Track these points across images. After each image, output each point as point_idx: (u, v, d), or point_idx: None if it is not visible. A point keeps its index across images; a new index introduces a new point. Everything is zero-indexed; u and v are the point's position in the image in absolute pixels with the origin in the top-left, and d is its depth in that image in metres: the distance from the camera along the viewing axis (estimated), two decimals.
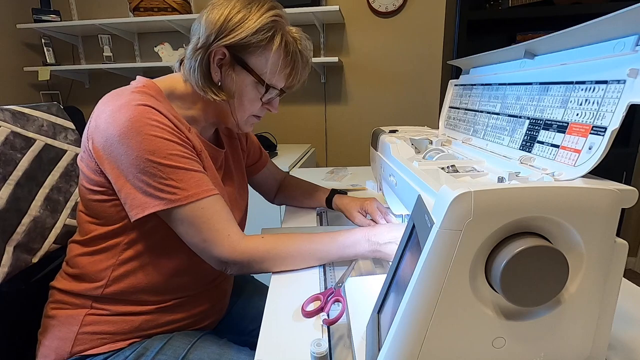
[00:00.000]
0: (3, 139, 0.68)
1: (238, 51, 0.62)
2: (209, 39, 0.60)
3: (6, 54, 2.10)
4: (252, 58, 0.63)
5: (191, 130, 0.64)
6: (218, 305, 0.76)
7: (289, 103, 2.16)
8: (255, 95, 0.66)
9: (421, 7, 1.93)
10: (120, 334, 0.63)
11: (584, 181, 0.36)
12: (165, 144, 0.56)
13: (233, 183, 0.78)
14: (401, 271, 0.41)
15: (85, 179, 0.62)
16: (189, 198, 0.57)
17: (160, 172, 0.55)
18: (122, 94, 0.58)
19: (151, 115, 0.56)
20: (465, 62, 0.70)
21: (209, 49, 0.61)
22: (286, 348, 0.48)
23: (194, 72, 0.62)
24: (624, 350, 0.46)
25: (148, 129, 0.55)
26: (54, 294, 0.67)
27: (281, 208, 1.40)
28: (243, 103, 0.66)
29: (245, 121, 0.70)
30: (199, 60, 0.61)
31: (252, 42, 0.60)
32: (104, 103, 0.58)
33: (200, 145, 0.65)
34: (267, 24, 0.60)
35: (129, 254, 0.63)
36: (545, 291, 0.33)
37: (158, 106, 0.57)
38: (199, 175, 0.59)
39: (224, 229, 0.59)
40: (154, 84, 0.63)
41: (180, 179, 0.56)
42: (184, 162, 0.57)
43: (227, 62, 0.63)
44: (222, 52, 0.61)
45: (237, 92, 0.65)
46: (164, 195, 0.56)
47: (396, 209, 0.74)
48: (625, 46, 0.35)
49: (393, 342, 0.35)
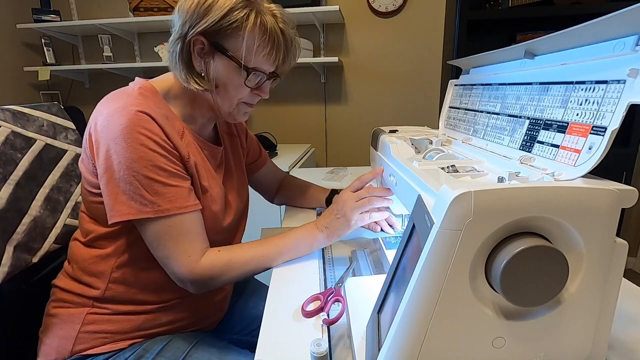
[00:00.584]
0: (3, 139, 0.68)
1: (214, 37, 0.60)
2: (183, 28, 0.59)
3: (6, 54, 2.10)
4: (229, 41, 0.60)
5: (185, 135, 0.63)
6: (219, 305, 0.76)
7: (289, 103, 2.17)
8: (238, 81, 0.63)
9: (421, 7, 1.93)
10: (121, 333, 0.63)
11: (584, 181, 0.36)
12: (148, 154, 0.55)
13: (233, 181, 0.78)
14: (401, 271, 0.41)
15: (86, 180, 0.62)
16: (158, 213, 0.56)
17: (137, 181, 0.55)
18: (121, 96, 0.59)
19: (144, 124, 0.56)
20: (465, 62, 0.70)
21: (186, 38, 0.60)
22: (286, 348, 0.48)
23: (176, 64, 0.62)
24: (624, 350, 0.46)
25: (136, 136, 0.55)
26: (56, 292, 0.67)
27: (281, 208, 1.40)
28: (228, 90, 0.64)
29: (236, 109, 0.67)
30: (179, 51, 0.61)
31: (224, 25, 0.58)
32: (102, 104, 0.59)
33: (194, 151, 0.64)
34: (240, 3, 0.58)
35: (128, 256, 0.63)
36: (545, 291, 0.33)
37: (154, 112, 0.57)
38: (176, 190, 0.58)
39: (186, 250, 0.59)
40: (150, 86, 0.63)
41: (155, 191, 0.56)
42: (163, 175, 0.57)
43: (207, 50, 0.61)
44: (200, 41, 0.60)
45: (221, 79, 0.63)
46: (134, 205, 0.56)
47: (396, 209, 0.74)
48: (625, 46, 0.35)
49: (393, 342, 0.35)
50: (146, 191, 0.56)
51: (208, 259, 0.60)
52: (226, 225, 0.71)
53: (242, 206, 0.79)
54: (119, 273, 0.63)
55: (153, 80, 0.65)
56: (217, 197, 0.68)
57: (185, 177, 0.61)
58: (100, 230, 0.63)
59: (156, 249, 0.59)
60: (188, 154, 0.62)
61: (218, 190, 0.68)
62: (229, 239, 0.75)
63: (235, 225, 0.76)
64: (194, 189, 0.62)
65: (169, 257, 0.59)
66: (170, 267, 0.59)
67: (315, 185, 0.97)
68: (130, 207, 0.56)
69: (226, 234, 0.74)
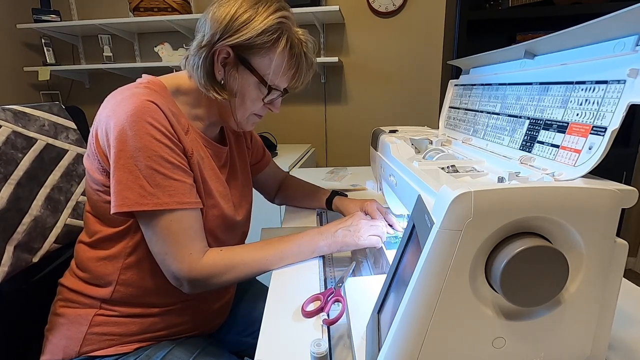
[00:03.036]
0: (4, 139, 0.68)
1: (242, 51, 0.61)
2: (213, 38, 0.59)
3: (6, 54, 2.10)
4: (256, 59, 0.62)
5: (189, 131, 0.63)
6: (223, 307, 0.76)
7: (289, 103, 2.16)
8: (257, 96, 0.66)
9: (421, 7, 1.93)
10: (128, 335, 0.64)
11: (584, 181, 0.36)
12: (153, 143, 0.55)
13: (238, 181, 0.78)
14: (401, 271, 0.41)
15: (90, 178, 0.62)
16: (157, 206, 0.55)
17: (140, 171, 0.54)
18: (128, 89, 0.59)
19: (152, 113, 0.55)
20: (465, 62, 0.70)
21: (213, 48, 0.60)
22: (286, 348, 0.48)
23: (197, 69, 0.62)
24: (624, 350, 0.46)
25: (142, 125, 0.54)
26: (63, 291, 0.67)
27: (281, 208, 1.40)
28: (245, 102, 0.66)
29: (246, 120, 0.70)
30: (203, 57, 0.61)
31: (257, 43, 0.60)
32: (109, 99, 0.59)
33: (198, 148, 0.64)
34: (273, 26, 0.60)
35: (135, 257, 0.63)
36: (545, 291, 0.33)
37: (161, 104, 0.57)
38: (177, 184, 0.57)
39: (187, 247, 0.58)
40: (159, 81, 0.64)
41: (156, 183, 0.55)
42: (167, 167, 0.56)
43: (231, 62, 0.62)
44: (227, 52, 0.61)
45: (240, 91, 0.64)
46: (132, 196, 0.54)
47: (396, 209, 0.74)
48: (625, 46, 0.35)
49: (393, 342, 0.35)
50: (147, 182, 0.55)
51: (209, 258, 0.60)
52: (238, 221, 0.71)
53: (247, 205, 0.79)
54: (127, 275, 0.63)
55: (162, 77, 0.65)
56: (223, 196, 0.68)
57: (188, 172, 0.60)
58: (106, 230, 0.63)
59: (154, 245, 0.58)
60: (192, 150, 0.61)
61: (222, 189, 0.68)
62: (239, 237, 0.75)
63: (242, 225, 0.76)
64: (197, 187, 0.62)
65: (168, 253, 0.57)
66: (168, 264, 0.58)
67: (316, 186, 0.97)
68: (126, 199, 0.54)
69: (237, 232, 0.74)
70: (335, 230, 0.68)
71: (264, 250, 0.65)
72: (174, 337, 0.68)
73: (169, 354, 0.63)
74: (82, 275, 0.65)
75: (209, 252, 0.61)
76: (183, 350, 0.65)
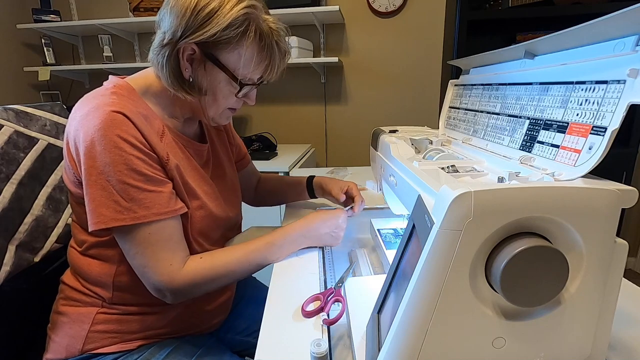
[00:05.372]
0: (6, 139, 0.68)
1: (208, 47, 0.57)
2: (175, 35, 0.55)
3: (6, 54, 2.10)
4: (224, 54, 0.58)
5: (165, 134, 0.61)
6: (224, 305, 0.76)
7: (289, 103, 2.17)
8: (229, 91, 0.62)
9: (421, 7, 1.93)
10: (130, 333, 0.64)
11: (584, 181, 0.36)
12: (123, 157, 0.52)
13: (225, 177, 0.76)
14: (401, 271, 0.41)
15: (69, 189, 0.61)
16: (135, 220, 0.53)
17: (112, 186, 0.52)
18: (94, 98, 0.56)
19: (119, 125, 0.53)
20: (465, 62, 0.70)
21: (176, 46, 0.56)
22: (286, 348, 0.48)
23: (162, 68, 0.58)
24: (624, 350, 0.46)
25: (111, 138, 0.52)
26: (65, 289, 0.66)
27: (281, 208, 1.40)
28: (217, 99, 0.62)
29: (219, 115, 0.66)
30: (167, 56, 0.57)
31: (223, 38, 0.56)
32: (76, 109, 0.56)
33: (176, 150, 0.62)
34: (239, 18, 0.55)
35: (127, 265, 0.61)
36: (545, 291, 0.33)
37: (130, 111, 0.54)
38: (153, 195, 0.55)
39: (167, 258, 0.57)
40: (126, 84, 0.61)
41: (131, 197, 0.53)
42: (140, 180, 0.54)
43: (198, 58, 0.58)
44: (192, 48, 0.57)
45: (210, 89, 0.61)
46: (108, 212, 0.53)
47: (396, 209, 0.74)
48: (625, 46, 0.35)
49: (393, 342, 0.35)
50: (121, 197, 0.53)
51: (191, 267, 0.58)
52: (228, 218, 0.71)
53: (237, 200, 0.78)
54: (121, 282, 0.62)
55: (129, 78, 0.63)
56: (209, 194, 0.67)
57: (164, 181, 0.58)
58: (90, 239, 0.62)
59: (133, 258, 0.56)
60: (167, 155, 0.59)
61: (207, 187, 0.67)
62: (234, 234, 0.75)
63: (235, 220, 0.76)
64: (178, 191, 0.60)
65: (147, 266, 0.56)
66: (148, 277, 0.56)
67: (288, 177, 0.97)
68: (102, 215, 0.53)
69: (230, 228, 0.74)
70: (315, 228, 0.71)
71: (245, 250, 0.64)
72: (176, 335, 0.68)
73: (172, 352, 0.63)
74: (79, 279, 0.65)
75: (189, 261, 0.59)
76: (186, 348, 0.65)
